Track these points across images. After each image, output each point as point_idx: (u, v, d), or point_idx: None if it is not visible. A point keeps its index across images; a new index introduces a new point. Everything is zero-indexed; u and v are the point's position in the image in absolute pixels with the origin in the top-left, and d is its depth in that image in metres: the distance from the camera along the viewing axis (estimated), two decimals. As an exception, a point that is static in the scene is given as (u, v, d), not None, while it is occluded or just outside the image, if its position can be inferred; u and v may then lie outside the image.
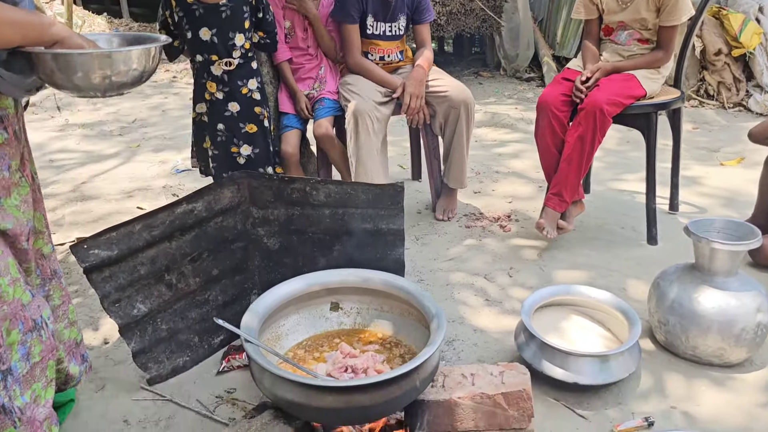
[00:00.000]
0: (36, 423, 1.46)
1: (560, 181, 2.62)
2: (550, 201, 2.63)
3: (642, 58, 2.65)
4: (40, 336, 1.47)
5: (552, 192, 2.64)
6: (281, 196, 2.12)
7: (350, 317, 1.90)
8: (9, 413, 1.40)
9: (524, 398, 1.60)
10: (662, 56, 2.63)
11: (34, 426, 1.46)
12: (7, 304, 1.38)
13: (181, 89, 6.56)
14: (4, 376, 1.39)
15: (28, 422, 1.44)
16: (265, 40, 2.61)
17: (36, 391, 1.47)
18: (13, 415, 1.41)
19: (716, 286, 1.92)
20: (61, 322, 1.71)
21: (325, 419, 1.53)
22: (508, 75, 6.55)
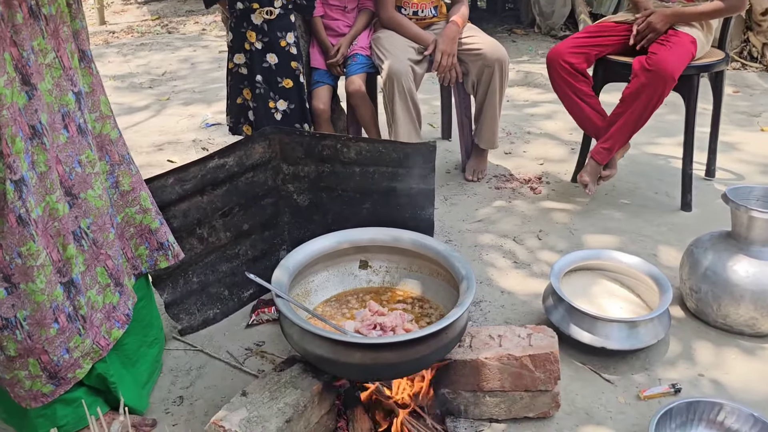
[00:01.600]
0: (95, 328, 1.54)
1: (613, 135, 2.54)
2: (599, 155, 2.56)
3: (709, 5, 2.48)
4: (81, 246, 1.52)
5: (603, 146, 2.56)
6: (312, 152, 2.12)
7: (379, 276, 1.91)
8: (74, 321, 1.48)
9: (551, 361, 1.60)
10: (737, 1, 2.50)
11: (94, 331, 1.54)
12: (58, 219, 1.44)
13: (210, 42, 6.53)
14: (67, 287, 1.46)
15: (89, 328, 1.52)
16: (303, 1, 2.57)
17: (91, 297, 1.54)
18: (77, 322, 1.49)
19: (752, 255, 1.88)
20: (132, 207, 1.70)
21: (353, 375, 1.56)
22: (542, 33, 6.38)
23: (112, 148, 1.66)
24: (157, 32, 7.10)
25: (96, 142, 1.61)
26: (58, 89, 1.45)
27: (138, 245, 1.74)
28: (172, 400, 1.80)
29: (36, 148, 1.39)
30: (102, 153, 1.63)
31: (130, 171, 1.71)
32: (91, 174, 1.54)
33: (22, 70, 1.35)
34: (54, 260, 1.44)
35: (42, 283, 1.40)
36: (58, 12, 1.44)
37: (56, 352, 1.46)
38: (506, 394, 1.64)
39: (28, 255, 1.37)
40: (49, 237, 1.43)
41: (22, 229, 1.36)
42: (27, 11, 1.35)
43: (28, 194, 1.36)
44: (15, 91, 1.34)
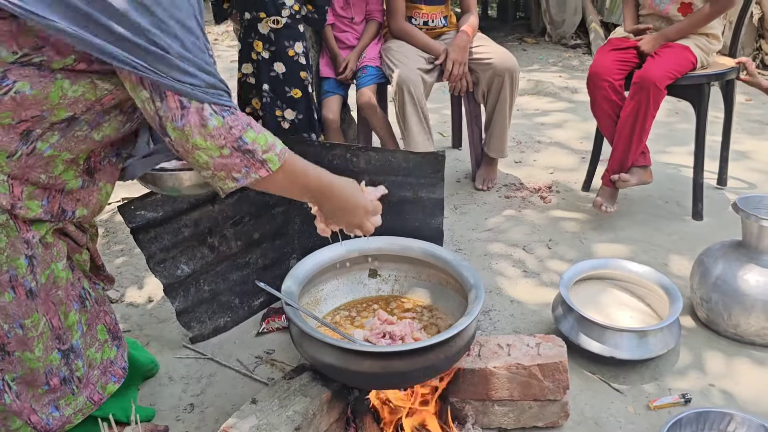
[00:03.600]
0: (90, 386, 1.52)
1: (615, 156, 2.56)
2: (605, 180, 2.59)
3: (699, 12, 2.49)
4: (84, 307, 1.50)
5: (609, 170, 2.58)
6: (322, 161, 2.12)
7: (388, 284, 1.92)
8: (68, 383, 1.46)
9: (560, 370, 1.60)
10: (721, 4, 2.47)
11: (89, 389, 1.52)
12: (62, 288, 1.40)
13: (222, 52, 6.60)
14: (66, 354, 1.44)
15: (84, 386, 1.50)
16: (313, 14, 2.59)
17: (90, 355, 1.53)
18: (72, 384, 1.47)
19: (763, 264, 1.88)
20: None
21: (362, 383, 1.56)
22: (553, 41, 6.40)
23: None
24: (170, 42, 7.17)
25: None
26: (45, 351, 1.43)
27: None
28: (183, 408, 1.81)
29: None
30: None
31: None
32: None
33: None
34: (54, 326, 1.41)
35: (39, 351, 1.38)
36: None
37: (44, 410, 1.44)
38: (515, 403, 1.64)
39: (31, 326, 1.35)
40: (51, 304, 1.39)
41: (30, 302, 1.33)
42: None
43: (38, 265, 1.34)
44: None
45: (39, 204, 1.30)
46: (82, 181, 1.39)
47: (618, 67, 2.52)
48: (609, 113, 2.54)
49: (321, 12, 2.61)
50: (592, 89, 2.55)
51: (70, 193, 1.38)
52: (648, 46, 2.51)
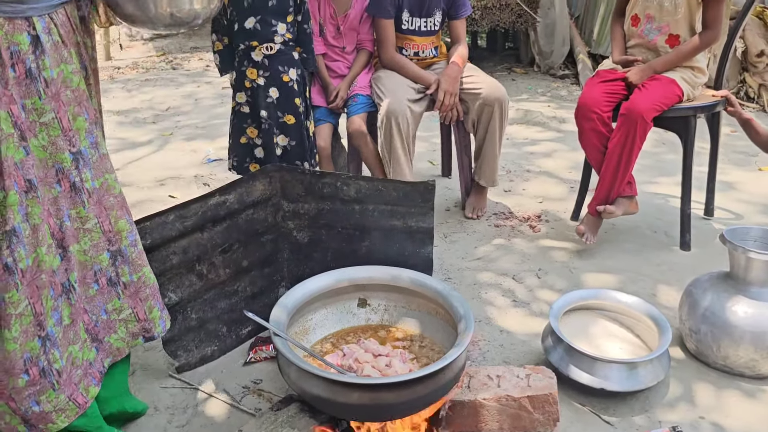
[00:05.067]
0: (72, 385, 1.52)
1: (601, 186, 2.59)
2: (591, 208, 2.61)
3: (687, 45, 2.54)
4: (68, 299, 1.51)
5: (594, 199, 2.61)
6: (312, 190, 2.14)
7: (377, 314, 1.91)
8: (48, 376, 1.46)
9: (550, 402, 1.60)
10: (710, 36, 2.52)
11: (71, 387, 1.52)
12: (45, 272, 1.43)
13: (213, 78, 6.61)
14: (43, 341, 1.45)
15: (66, 384, 1.50)
16: (302, 55, 2.61)
17: (73, 353, 1.53)
18: (52, 377, 1.47)
19: (751, 296, 1.89)
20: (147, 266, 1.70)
21: (350, 415, 1.54)
22: (541, 72, 6.47)
23: (127, 207, 1.67)
24: (161, 68, 7.20)
25: (117, 201, 1.62)
26: (53, 147, 1.47)
27: (152, 307, 1.71)
28: (168, 439, 1.78)
29: (31, 200, 1.42)
30: (122, 212, 1.63)
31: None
32: (78, 229, 1.55)
33: (21, 126, 1.39)
34: (36, 312, 1.43)
35: (17, 332, 1.40)
36: (59, 76, 1.47)
37: (24, 403, 1.45)
38: (505, 435, 1.63)
39: (9, 303, 1.38)
40: (35, 288, 1.43)
41: (8, 277, 1.37)
42: (24, 72, 1.39)
43: (18, 244, 1.38)
44: (13, 147, 1.37)
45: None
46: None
47: (606, 99, 2.55)
48: (597, 144, 2.57)
49: (309, 51, 2.64)
50: (581, 120, 2.58)
51: None
52: (636, 77, 2.55)
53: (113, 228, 1.62)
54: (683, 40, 2.56)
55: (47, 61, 1.43)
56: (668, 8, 2.55)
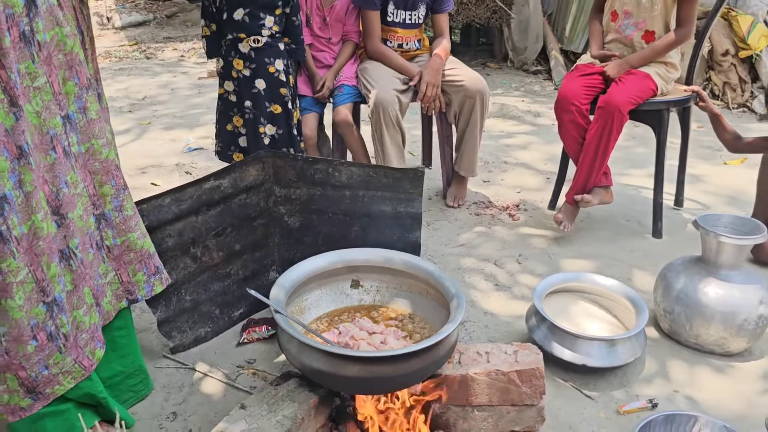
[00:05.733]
0: (78, 348, 1.56)
1: (579, 176, 2.69)
2: (569, 197, 2.72)
3: (661, 41, 2.66)
4: (69, 266, 1.54)
5: (572, 188, 2.71)
6: (304, 176, 2.19)
7: (370, 295, 1.98)
8: (55, 340, 1.50)
9: (537, 376, 1.68)
10: (683, 33, 2.64)
11: (77, 351, 1.56)
12: (43, 239, 1.46)
13: (189, 68, 6.58)
14: (50, 306, 1.48)
15: (72, 348, 1.54)
16: (290, 46, 2.66)
17: (77, 317, 1.56)
18: (59, 341, 1.51)
19: (721, 278, 2.00)
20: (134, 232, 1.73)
21: (349, 388, 1.61)
22: (515, 67, 6.59)
23: (118, 173, 1.71)
24: (135, 57, 7.14)
25: (103, 166, 1.65)
26: (47, 112, 1.49)
27: (136, 271, 1.76)
28: (166, 416, 1.82)
29: (23, 168, 1.42)
30: (108, 177, 1.67)
31: (130, 195, 1.75)
32: (75, 195, 1.57)
33: (10, 92, 1.39)
34: (38, 279, 1.46)
35: (21, 300, 1.43)
36: (53, 40, 1.49)
37: (34, 368, 1.48)
38: (494, 408, 1.71)
39: (8, 271, 1.40)
40: (34, 255, 1.45)
41: (2, 245, 1.38)
42: (18, 35, 1.40)
43: (11, 212, 1.39)
44: (2, 113, 1.37)
45: None
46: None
47: (585, 92, 2.65)
48: (575, 136, 2.67)
49: (297, 42, 2.68)
50: (560, 113, 2.68)
51: None
52: (613, 71, 2.66)
53: (97, 192, 1.65)
54: (658, 37, 2.68)
55: (40, 23, 1.44)
56: (645, 5, 2.66)
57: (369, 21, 2.90)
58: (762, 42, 4.95)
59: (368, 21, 2.91)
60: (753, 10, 5.14)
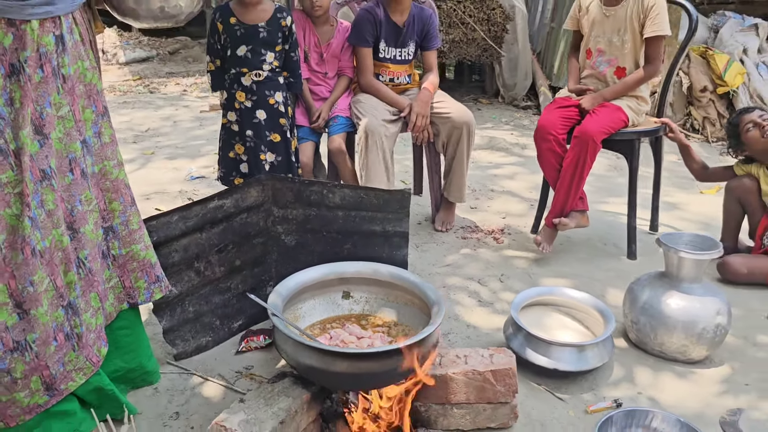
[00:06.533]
0: (88, 347, 1.73)
1: (557, 201, 2.89)
2: (548, 221, 2.91)
3: (632, 77, 2.89)
4: (78, 274, 1.72)
5: (550, 213, 2.91)
6: (300, 197, 2.38)
7: (359, 305, 2.15)
8: (70, 339, 1.68)
9: (510, 375, 1.85)
10: (651, 69, 2.86)
11: (87, 350, 1.73)
12: (62, 250, 1.65)
13: (191, 102, 6.83)
14: (66, 309, 1.67)
15: (83, 347, 1.72)
16: (289, 79, 2.88)
17: (86, 320, 1.73)
18: (73, 340, 1.69)
19: (682, 290, 2.18)
20: (138, 244, 1.91)
21: (338, 384, 1.77)
22: (506, 102, 6.85)
23: (126, 191, 1.90)
24: (139, 92, 7.39)
25: (113, 185, 1.85)
26: (68, 137, 1.68)
27: (138, 278, 1.94)
28: (169, 416, 1.97)
29: (45, 189, 1.61)
30: (117, 195, 1.86)
31: (137, 211, 1.94)
32: (87, 211, 1.75)
33: (35, 122, 1.59)
34: (57, 286, 1.64)
35: (46, 306, 1.61)
36: (76, 73, 1.69)
37: (54, 366, 1.66)
38: (471, 406, 1.87)
39: (39, 282, 1.58)
40: (54, 265, 1.64)
41: (33, 260, 1.57)
42: (50, 71, 1.60)
43: (35, 229, 1.58)
44: (28, 140, 1.57)
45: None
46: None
47: (562, 123, 2.87)
48: (553, 163, 2.88)
49: (296, 76, 2.91)
50: (539, 141, 2.89)
51: None
52: (588, 104, 2.88)
53: (107, 207, 1.84)
54: (629, 72, 2.91)
55: (66, 58, 1.63)
56: (616, 44, 2.89)
57: (362, 57, 3.13)
58: (738, 79, 5.21)
59: (361, 57, 3.14)
60: (729, 50, 5.42)
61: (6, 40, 1.53)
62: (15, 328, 1.59)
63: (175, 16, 1.88)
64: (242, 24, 2.72)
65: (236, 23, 2.72)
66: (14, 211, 1.57)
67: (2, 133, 1.55)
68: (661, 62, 2.89)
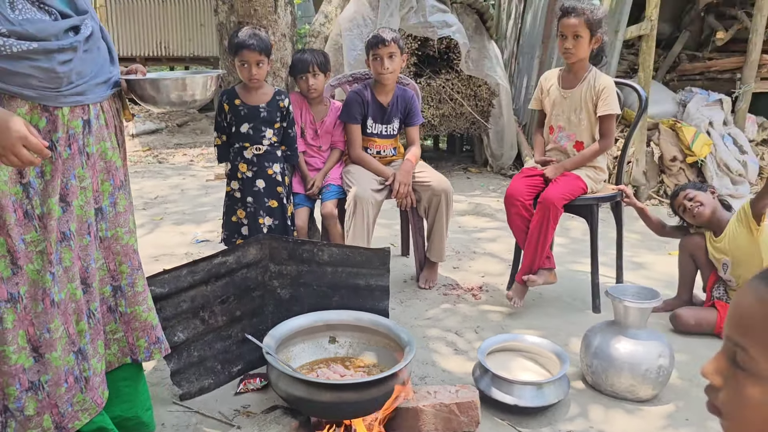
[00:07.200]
0: (93, 390, 1.97)
1: (525, 260, 3.22)
2: (518, 278, 3.23)
3: (588, 150, 3.26)
4: (89, 323, 1.97)
5: (520, 271, 3.23)
6: (294, 255, 2.70)
7: (344, 348, 2.44)
8: (78, 382, 1.92)
9: (472, 407, 2.13)
10: (605, 143, 3.24)
11: (93, 392, 1.96)
12: (75, 302, 1.92)
13: (197, 171, 7.25)
14: (77, 355, 1.92)
15: (90, 389, 1.95)
16: (287, 152, 3.27)
17: (93, 365, 1.98)
18: (81, 383, 1.93)
19: (628, 336, 2.47)
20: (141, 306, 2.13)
21: (323, 413, 2.05)
22: (494, 171, 7.27)
23: (134, 256, 2.17)
24: (148, 162, 7.84)
25: (123, 249, 2.11)
26: (87, 205, 1.97)
27: (139, 337, 2.17)
28: (175, 447, 2.24)
29: (64, 248, 1.89)
30: (126, 258, 2.12)
31: (143, 275, 2.22)
32: (97, 269, 2.04)
33: (62, 191, 1.88)
34: (69, 333, 1.89)
35: (60, 351, 1.85)
36: (98, 151, 1.99)
37: (63, 406, 1.88)
38: (439, 435, 2.14)
39: (54, 329, 1.84)
40: (68, 315, 1.89)
41: (53, 310, 1.84)
42: (77, 149, 1.91)
43: (54, 283, 1.85)
44: (55, 206, 1.85)
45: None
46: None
47: (528, 190, 3.23)
48: (520, 225, 3.22)
49: (292, 149, 3.30)
50: (508, 206, 3.25)
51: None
52: (551, 173, 3.24)
53: (117, 269, 2.10)
54: (587, 146, 3.29)
55: (91, 139, 1.93)
56: (574, 121, 3.29)
57: (352, 133, 3.53)
58: (705, 149, 5.62)
59: (351, 133, 3.53)
60: (696, 122, 5.86)
61: (41, 123, 1.83)
62: (31, 370, 1.83)
63: (190, 103, 2.20)
64: (246, 105, 3.12)
65: (240, 104, 3.12)
66: (36, 266, 1.83)
67: (30, 200, 1.83)
68: (613, 136, 3.28)
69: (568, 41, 3.11)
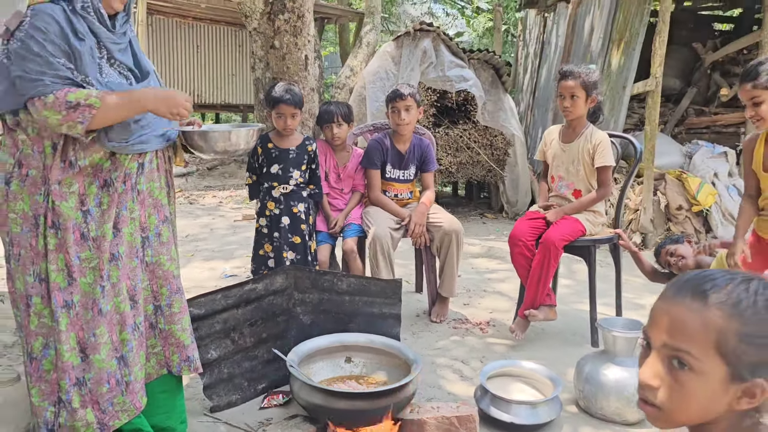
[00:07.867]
0: (133, 393, 2.24)
1: (527, 296, 3.49)
2: (521, 312, 3.50)
3: (586, 197, 3.56)
4: (133, 334, 2.25)
5: (523, 306, 3.50)
6: (316, 284, 3.01)
7: (358, 367, 2.72)
8: (120, 385, 2.19)
9: (471, 420, 2.39)
10: (602, 192, 3.54)
11: (132, 395, 2.23)
12: (120, 314, 2.20)
13: (226, 212, 7.65)
14: (119, 361, 2.20)
15: (130, 393, 2.22)
16: (314, 191, 3.62)
17: (134, 372, 2.25)
18: (122, 386, 2.19)
19: (616, 363, 2.72)
20: (176, 325, 2.35)
21: (339, 418, 2.32)
22: (509, 217, 7.56)
23: (174, 281, 2.46)
24: (180, 203, 8.26)
25: (164, 274, 2.40)
26: (136, 233, 2.29)
27: (173, 353, 2.43)
28: (206, 452, 2.52)
29: (113, 267, 2.19)
30: (166, 282, 2.41)
31: (182, 299, 2.48)
32: (142, 288, 2.34)
33: (115, 219, 2.20)
34: (113, 341, 2.17)
35: (104, 355, 2.13)
36: (147, 189, 2.31)
37: (104, 404, 2.15)
38: (441, 445, 2.40)
39: (100, 335, 2.13)
40: (112, 325, 2.17)
41: (100, 317, 2.14)
42: (130, 186, 2.23)
43: (102, 297, 2.15)
44: (109, 231, 2.17)
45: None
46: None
47: (530, 231, 3.52)
48: (523, 264, 3.50)
49: (319, 188, 3.65)
50: (512, 246, 3.54)
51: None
52: (552, 217, 3.54)
53: (158, 290, 2.39)
54: (584, 194, 3.59)
55: (142, 179, 2.26)
56: (572, 171, 3.60)
57: (371, 177, 3.88)
58: (709, 199, 5.87)
59: (371, 177, 3.88)
60: (701, 174, 6.13)
61: (105, 165, 2.18)
62: (78, 368, 2.12)
63: (234, 153, 2.51)
64: (277, 148, 3.49)
65: (273, 147, 3.49)
66: (88, 280, 2.14)
67: (87, 224, 2.15)
68: (610, 185, 3.58)
69: (566, 101, 3.46)
